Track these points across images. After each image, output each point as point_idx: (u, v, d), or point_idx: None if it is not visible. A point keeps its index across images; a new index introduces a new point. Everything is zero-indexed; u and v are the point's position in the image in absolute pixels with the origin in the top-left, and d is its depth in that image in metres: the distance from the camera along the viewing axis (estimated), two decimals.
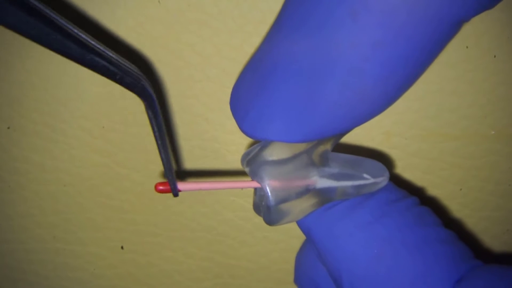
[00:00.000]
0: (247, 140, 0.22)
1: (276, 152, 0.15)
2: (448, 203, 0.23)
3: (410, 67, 0.13)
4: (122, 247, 0.24)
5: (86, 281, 0.24)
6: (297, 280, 0.19)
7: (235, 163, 0.23)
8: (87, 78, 0.21)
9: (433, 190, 0.23)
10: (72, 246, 0.24)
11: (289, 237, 0.24)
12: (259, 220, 0.24)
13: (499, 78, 0.21)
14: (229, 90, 0.21)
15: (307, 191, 0.15)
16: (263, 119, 0.14)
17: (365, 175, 0.16)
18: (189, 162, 0.22)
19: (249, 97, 0.15)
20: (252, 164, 0.15)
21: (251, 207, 0.23)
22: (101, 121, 0.22)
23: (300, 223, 0.17)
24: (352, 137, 0.22)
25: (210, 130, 0.22)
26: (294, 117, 0.14)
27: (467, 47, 0.21)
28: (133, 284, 0.24)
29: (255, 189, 0.16)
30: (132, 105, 0.22)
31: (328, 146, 0.16)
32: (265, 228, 0.24)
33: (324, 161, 0.16)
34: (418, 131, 0.22)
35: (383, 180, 0.16)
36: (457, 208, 0.23)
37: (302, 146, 0.15)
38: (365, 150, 0.22)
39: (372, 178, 0.16)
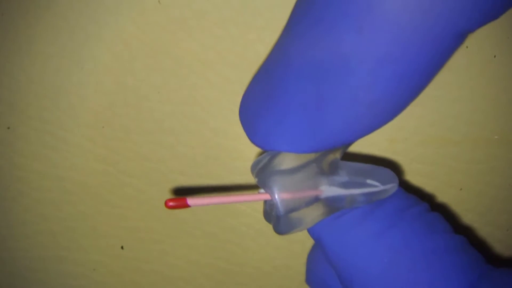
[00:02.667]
0: (251, 147, 0.22)
1: (285, 161, 0.15)
2: (451, 208, 0.23)
3: (417, 79, 0.13)
4: (122, 247, 0.24)
5: None
6: (308, 280, 0.19)
7: (239, 170, 0.23)
8: (89, 86, 0.21)
9: (436, 195, 0.23)
10: (74, 254, 0.24)
11: (292, 243, 0.24)
12: (262, 226, 0.23)
13: (502, 84, 0.21)
14: (232, 97, 0.21)
15: (317, 199, 0.15)
16: (273, 131, 0.14)
17: (374, 183, 0.16)
18: (193, 169, 0.22)
19: (258, 109, 0.15)
20: (261, 174, 0.15)
21: (254, 213, 0.23)
22: (103, 129, 0.22)
23: (310, 231, 0.17)
24: (356, 144, 0.22)
25: (213, 137, 0.22)
26: (303, 129, 0.14)
27: (467, 47, 0.21)
28: None
29: None
30: (134, 112, 0.21)
31: (337, 155, 0.16)
32: (268, 235, 0.24)
33: (333, 169, 0.16)
34: (420, 136, 0.22)
35: (392, 187, 0.16)
36: (461, 213, 0.23)
37: (311, 155, 0.15)
38: (369, 156, 0.22)
39: (382, 186, 0.16)
